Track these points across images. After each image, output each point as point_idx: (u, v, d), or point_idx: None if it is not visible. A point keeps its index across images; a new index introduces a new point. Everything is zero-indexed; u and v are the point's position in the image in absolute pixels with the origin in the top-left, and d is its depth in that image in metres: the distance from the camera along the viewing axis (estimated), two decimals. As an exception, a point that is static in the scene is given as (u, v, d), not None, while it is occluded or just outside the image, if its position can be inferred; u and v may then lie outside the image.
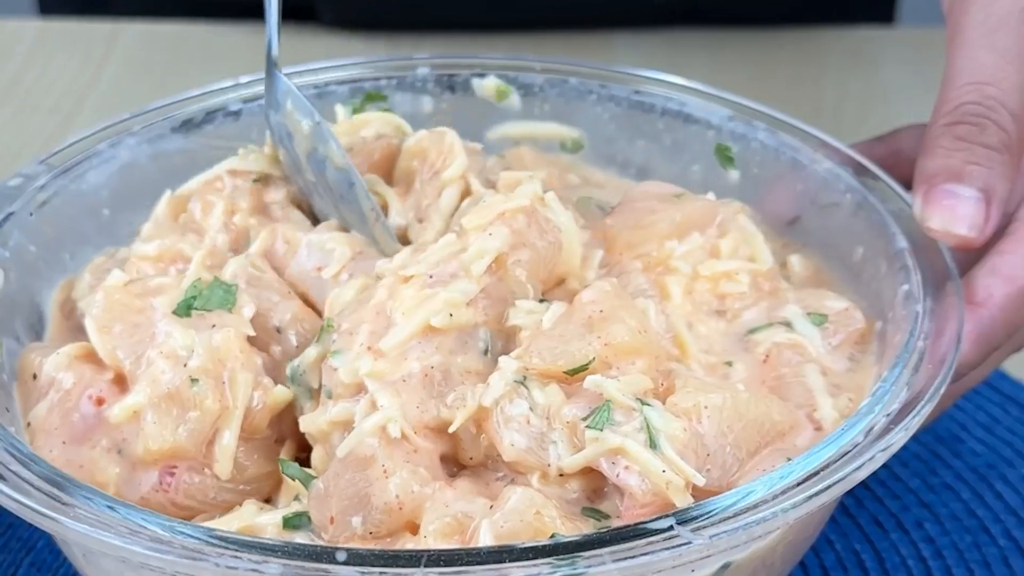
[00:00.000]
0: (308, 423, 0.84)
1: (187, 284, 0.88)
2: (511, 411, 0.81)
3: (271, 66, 0.96)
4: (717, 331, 0.90)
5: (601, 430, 0.79)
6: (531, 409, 0.81)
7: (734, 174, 1.05)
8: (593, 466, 0.79)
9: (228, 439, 0.83)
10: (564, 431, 0.80)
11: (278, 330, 0.90)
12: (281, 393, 0.86)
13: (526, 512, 0.76)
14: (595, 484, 0.81)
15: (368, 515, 0.78)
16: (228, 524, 0.80)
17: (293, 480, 0.83)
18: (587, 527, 0.78)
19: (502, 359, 0.83)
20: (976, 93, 0.90)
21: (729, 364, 0.88)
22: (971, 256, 0.90)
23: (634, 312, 0.85)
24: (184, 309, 0.87)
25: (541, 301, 0.88)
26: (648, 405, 0.80)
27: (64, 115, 1.43)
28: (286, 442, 0.88)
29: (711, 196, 0.98)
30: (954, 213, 0.89)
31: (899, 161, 1.00)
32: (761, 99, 1.07)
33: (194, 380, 0.83)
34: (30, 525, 0.99)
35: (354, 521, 0.78)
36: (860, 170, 0.98)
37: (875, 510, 1.04)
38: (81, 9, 1.60)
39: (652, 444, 0.78)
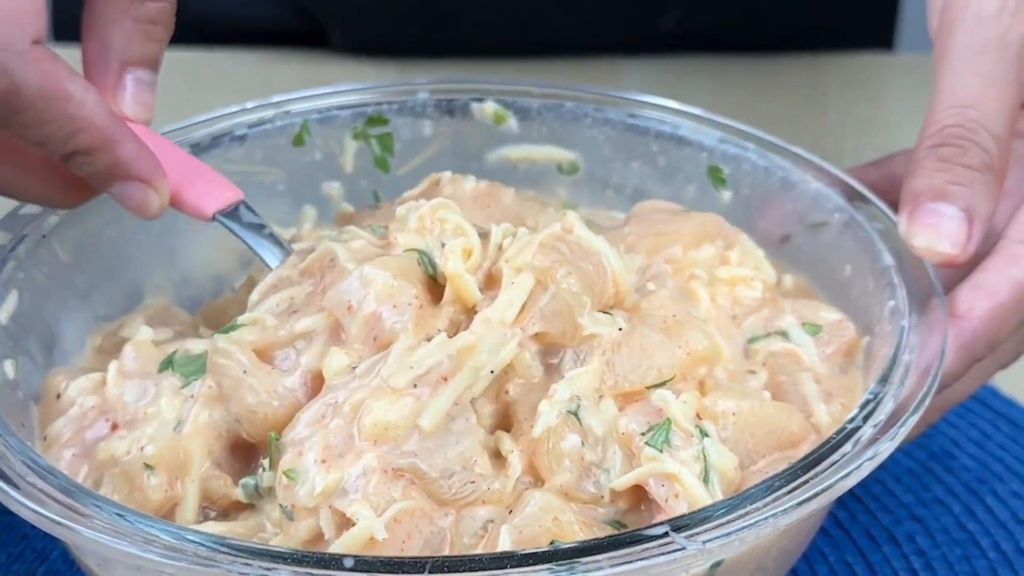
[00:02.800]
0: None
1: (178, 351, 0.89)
2: (564, 447, 0.82)
3: None
4: (734, 339, 0.93)
5: (661, 450, 0.81)
6: (583, 444, 0.82)
7: (726, 194, 1.07)
8: (641, 483, 0.81)
9: (188, 514, 0.84)
10: (618, 450, 0.82)
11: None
12: (239, 495, 0.85)
13: (544, 517, 0.78)
14: (634, 503, 0.83)
15: None
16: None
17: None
18: (602, 533, 0.80)
19: (556, 387, 0.83)
20: (959, 116, 0.93)
21: (753, 372, 0.91)
22: (958, 275, 0.93)
23: (698, 320, 0.87)
24: (166, 364, 0.89)
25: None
26: (706, 435, 0.82)
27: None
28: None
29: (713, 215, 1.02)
30: (937, 231, 0.91)
31: (893, 184, 1.02)
32: (764, 123, 1.10)
33: (148, 466, 0.83)
34: (44, 536, 1.02)
35: None
36: (848, 191, 1.01)
37: (868, 523, 1.06)
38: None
39: (704, 478, 0.81)
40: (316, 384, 0.85)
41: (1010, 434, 1.14)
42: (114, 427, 0.86)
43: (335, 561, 0.71)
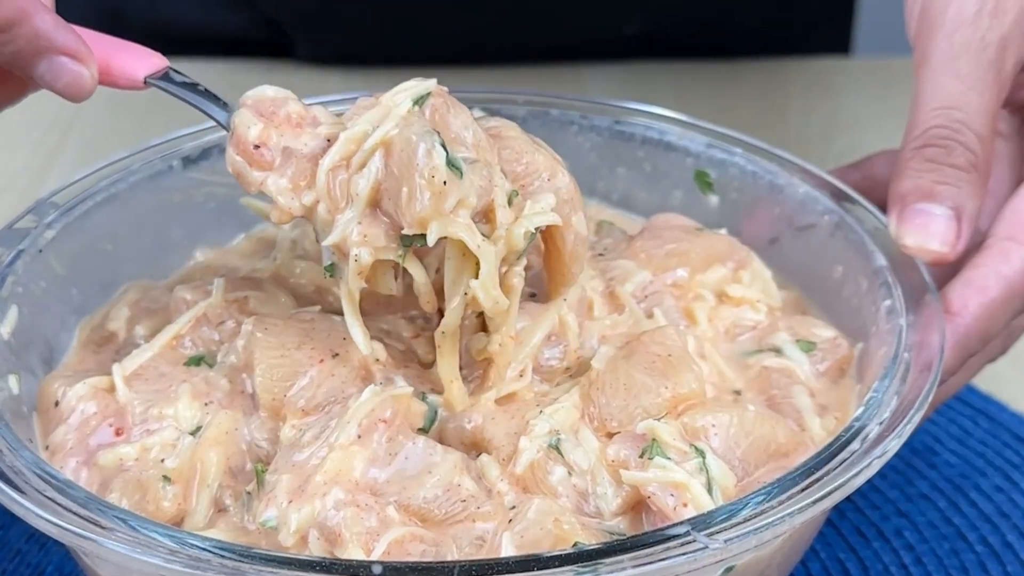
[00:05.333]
0: None
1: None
2: (552, 481, 0.83)
3: None
4: (727, 355, 0.94)
5: (669, 458, 0.82)
6: (570, 474, 0.83)
7: (713, 199, 1.09)
8: (643, 491, 0.81)
9: (198, 520, 0.83)
10: (606, 476, 0.83)
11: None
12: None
13: (545, 520, 0.78)
14: (635, 521, 0.83)
15: None
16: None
17: None
18: (603, 536, 0.81)
19: (534, 422, 0.84)
20: (943, 117, 0.95)
21: (738, 393, 0.92)
22: (949, 273, 0.95)
23: (692, 360, 0.88)
24: (196, 361, 0.90)
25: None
26: (702, 453, 0.83)
27: (50, 149, 1.46)
28: None
29: (724, 232, 1.03)
30: (927, 231, 0.93)
31: (873, 185, 1.04)
32: (728, 128, 1.11)
33: (166, 479, 0.83)
34: (39, 551, 1.01)
35: None
36: (836, 193, 1.02)
37: (857, 520, 1.08)
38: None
39: (708, 489, 0.82)
40: None
41: (990, 430, 1.16)
42: (118, 432, 0.86)
43: (364, 568, 0.71)
